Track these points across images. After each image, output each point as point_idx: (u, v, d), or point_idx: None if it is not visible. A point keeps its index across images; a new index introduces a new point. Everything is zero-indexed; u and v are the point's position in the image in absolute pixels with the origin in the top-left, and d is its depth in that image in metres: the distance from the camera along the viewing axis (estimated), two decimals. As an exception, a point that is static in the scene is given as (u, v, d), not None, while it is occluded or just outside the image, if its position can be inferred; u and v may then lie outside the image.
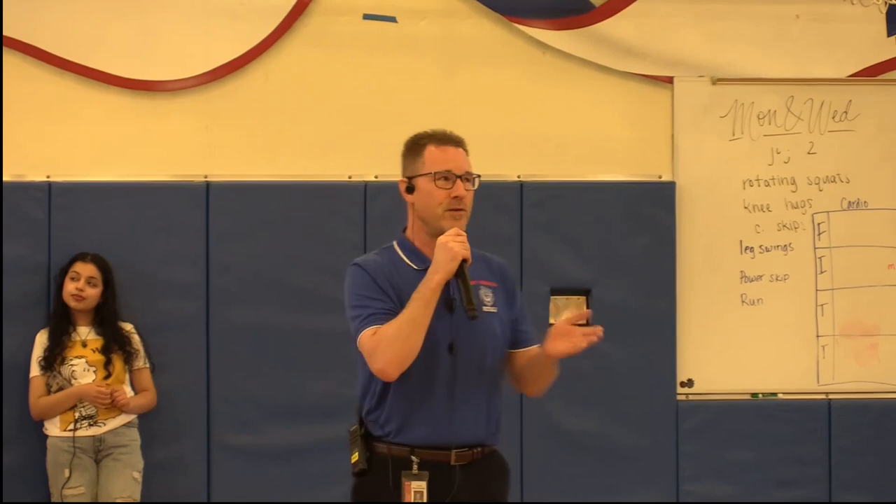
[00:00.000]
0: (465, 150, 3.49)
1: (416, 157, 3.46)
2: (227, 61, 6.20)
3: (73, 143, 6.16)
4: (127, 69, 6.16)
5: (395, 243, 3.53)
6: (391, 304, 3.35)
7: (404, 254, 3.48)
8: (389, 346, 3.28)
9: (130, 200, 6.10)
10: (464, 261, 3.33)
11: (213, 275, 6.11)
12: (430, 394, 3.36)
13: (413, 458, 3.34)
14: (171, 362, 6.00)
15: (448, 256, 3.29)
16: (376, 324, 3.32)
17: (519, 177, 6.31)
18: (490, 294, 3.49)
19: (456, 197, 3.39)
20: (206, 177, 6.17)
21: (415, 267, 3.43)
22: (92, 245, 5.94)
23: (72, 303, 5.78)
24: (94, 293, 5.81)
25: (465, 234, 3.37)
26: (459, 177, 3.41)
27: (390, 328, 3.29)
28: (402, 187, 3.47)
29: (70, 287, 5.79)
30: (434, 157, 3.43)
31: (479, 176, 3.47)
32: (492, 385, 3.46)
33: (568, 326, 3.38)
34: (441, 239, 3.32)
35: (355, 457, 3.38)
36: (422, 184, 3.42)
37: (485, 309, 3.44)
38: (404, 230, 3.54)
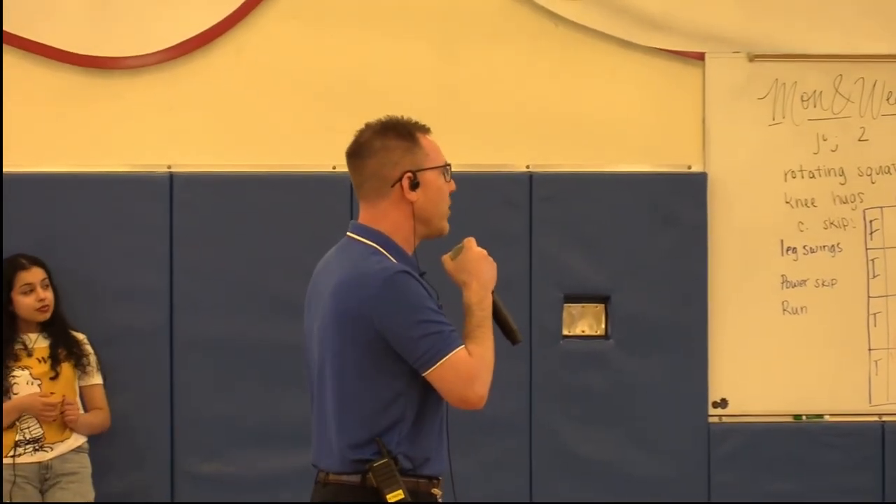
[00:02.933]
0: None
1: (413, 146, 3.32)
2: (194, 35, 6.06)
3: (15, 128, 5.96)
4: (79, 44, 6.02)
5: (377, 246, 3.30)
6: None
7: (397, 259, 3.29)
8: (488, 370, 3.25)
9: (82, 194, 5.95)
10: None
11: (177, 279, 5.96)
12: (442, 419, 3.34)
13: (434, 491, 3.31)
14: (129, 380, 5.86)
15: (494, 271, 3.35)
16: (461, 343, 3.24)
17: (528, 167, 6.13)
18: None
19: (451, 192, 3.39)
20: (169, 167, 6.02)
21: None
22: (38, 245, 5.78)
23: (40, 316, 5.59)
24: (52, 297, 5.64)
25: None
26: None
27: (486, 350, 3.26)
28: (407, 183, 3.30)
29: (30, 302, 5.58)
30: (433, 148, 3.34)
31: None
32: None
33: None
34: (480, 251, 3.34)
35: (399, 494, 3.22)
36: (431, 179, 3.32)
37: None
38: (368, 229, 3.34)
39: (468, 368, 3.19)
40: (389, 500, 3.20)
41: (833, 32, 6.22)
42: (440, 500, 3.29)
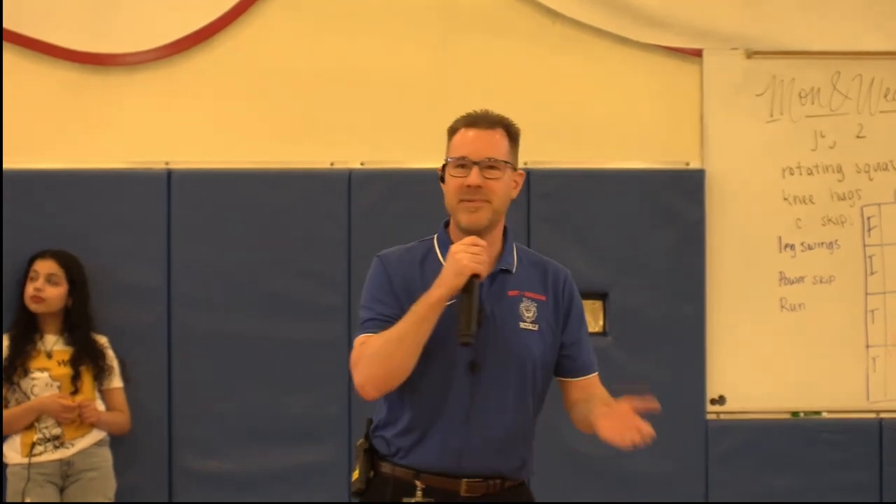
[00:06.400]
0: (504, 132, 3.43)
1: (448, 142, 3.44)
2: (192, 32, 6.02)
3: (13, 125, 5.92)
4: (77, 41, 5.98)
5: (435, 235, 3.48)
6: (398, 311, 3.30)
7: (440, 247, 3.42)
8: (370, 361, 3.26)
9: (80, 190, 5.89)
10: (474, 277, 3.23)
11: (174, 276, 5.91)
12: (444, 415, 3.32)
13: (417, 482, 3.32)
14: (127, 377, 5.74)
15: (455, 270, 3.23)
16: (371, 331, 3.31)
17: (526, 164, 5.91)
18: (534, 308, 3.42)
19: (468, 186, 3.32)
20: (167, 163, 5.97)
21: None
22: (35, 242, 5.73)
23: (31, 305, 5.53)
24: (55, 293, 5.55)
25: (483, 242, 3.28)
26: (477, 163, 3.34)
27: (377, 341, 3.27)
28: (439, 175, 3.44)
29: (28, 288, 5.56)
30: (456, 142, 3.40)
31: (507, 162, 3.38)
32: (520, 412, 3.39)
33: (629, 412, 3.29)
34: (454, 247, 3.27)
35: (356, 474, 3.39)
36: (447, 172, 3.40)
37: (522, 325, 3.39)
38: (447, 223, 3.49)
39: (353, 356, 3.31)
40: (352, 479, 3.39)
41: (831, 29, 6.18)
42: (421, 496, 3.30)
